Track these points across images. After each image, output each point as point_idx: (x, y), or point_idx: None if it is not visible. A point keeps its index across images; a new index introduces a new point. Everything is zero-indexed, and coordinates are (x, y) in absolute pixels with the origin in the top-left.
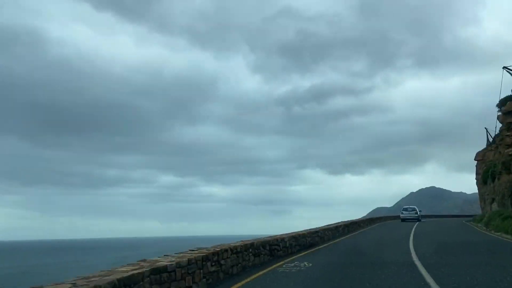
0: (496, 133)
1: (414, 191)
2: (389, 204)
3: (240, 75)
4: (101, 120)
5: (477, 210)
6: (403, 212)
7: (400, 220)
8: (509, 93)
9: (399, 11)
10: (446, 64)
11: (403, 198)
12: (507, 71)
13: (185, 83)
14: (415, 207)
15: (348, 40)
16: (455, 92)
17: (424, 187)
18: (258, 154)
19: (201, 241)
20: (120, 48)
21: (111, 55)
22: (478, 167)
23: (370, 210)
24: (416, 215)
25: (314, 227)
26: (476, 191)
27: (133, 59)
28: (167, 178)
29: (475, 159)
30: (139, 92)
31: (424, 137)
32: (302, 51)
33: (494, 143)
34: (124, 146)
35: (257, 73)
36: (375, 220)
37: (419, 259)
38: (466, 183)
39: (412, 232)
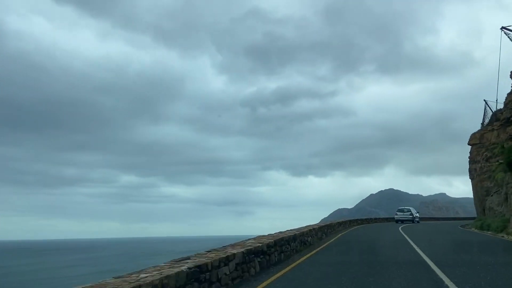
0: (498, 108)
1: (374, 192)
2: (350, 205)
3: (206, 75)
4: (59, 117)
5: (432, 212)
6: (398, 213)
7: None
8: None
9: (363, 18)
10: (406, 70)
11: (363, 200)
12: (506, 32)
13: (150, 81)
14: (411, 208)
15: (314, 44)
16: (414, 98)
17: (383, 189)
18: (222, 154)
19: (163, 242)
20: (82, 43)
21: (71, 50)
22: (473, 153)
23: (332, 211)
24: (411, 216)
25: (278, 228)
26: (432, 193)
27: (95, 54)
28: (128, 178)
29: (469, 143)
30: (101, 89)
31: (384, 140)
32: (269, 53)
33: (498, 121)
34: (83, 144)
35: (223, 73)
36: (353, 222)
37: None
38: (422, 185)
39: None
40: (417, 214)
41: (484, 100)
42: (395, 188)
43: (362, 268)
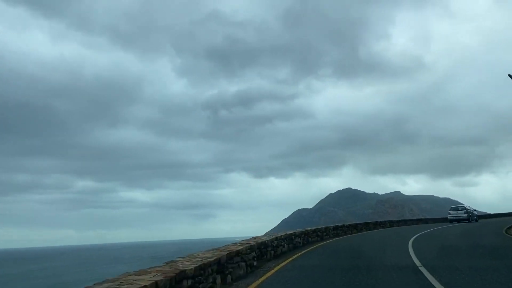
0: None
1: (333, 192)
2: (309, 205)
3: (165, 78)
4: (10, 121)
5: (388, 210)
6: (451, 212)
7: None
8: None
9: (321, 23)
10: (361, 74)
11: (322, 200)
12: None
13: (107, 84)
14: (465, 205)
15: (274, 48)
16: (369, 101)
17: (341, 189)
18: (183, 158)
19: (123, 248)
20: (34, 45)
21: (23, 52)
22: None
23: (292, 211)
24: (466, 215)
25: (239, 231)
26: (388, 191)
27: (48, 56)
28: (85, 183)
29: None
30: (55, 91)
31: (342, 142)
32: (230, 56)
33: None
34: (36, 149)
35: (183, 76)
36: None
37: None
38: (378, 184)
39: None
40: (475, 212)
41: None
42: (352, 188)
43: None
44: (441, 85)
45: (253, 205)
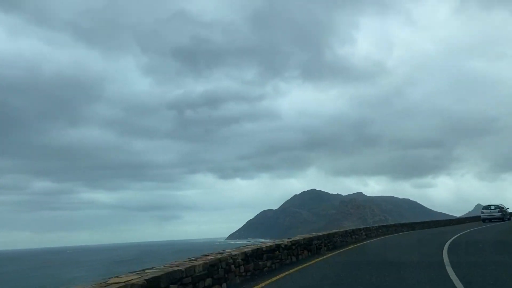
0: None
1: (297, 193)
2: (275, 206)
3: (130, 76)
4: None
5: (351, 210)
6: (484, 211)
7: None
8: None
9: (288, 26)
10: (326, 77)
11: (287, 201)
12: None
13: (68, 81)
14: (499, 204)
15: (241, 49)
16: (334, 103)
17: (306, 190)
18: (147, 158)
19: (82, 251)
20: None
21: None
22: None
23: (257, 212)
24: (500, 213)
25: (205, 232)
26: (350, 192)
27: (4, 51)
28: (42, 184)
29: None
30: (10, 88)
31: (307, 143)
32: (197, 56)
33: None
34: None
35: (149, 75)
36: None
37: None
38: (341, 185)
39: None
40: (508, 210)
41: None
42: (317, 189)
43: None
44: (402, 89)
45: (218, 206)
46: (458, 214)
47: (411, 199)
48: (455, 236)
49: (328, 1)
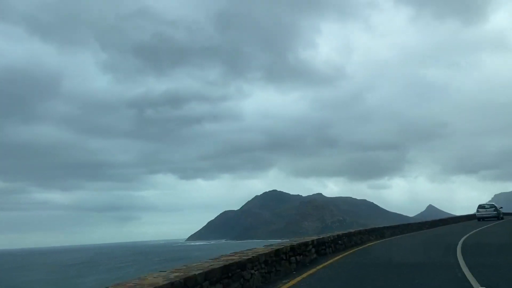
0: None
1: (259, 194)
2: (236, 207)
3: (88, 72)
4: None
5: (311, 211)
6: (479, 210)
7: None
8: None
9: (252, 28)
10: (289, 80)
11: (249, 201)
12: None
13: (21, 76)
14: (494, 203)
15: (204, 49)
16: (296, 106)
17: (267, 191)
18: (104, 157)
19: (34, 254)
20: None
21: None
22: None
23: (219, 213)
24: (495, 212)
25: (164, 234)
26: (310, 193)
27: None
28: None
29: None
30: None
31: (269, 145)
32: (159, 54)
33: None
34: None
35: (108, 72)
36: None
37: None
38: (302, 186)
39: None
40: (501, 209)
41: None
42: (278, 190)
43: None
44: (360, 93)
45: (178, 207)
46: (411, 214)
47: (368, 200)
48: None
49: (291, 5)
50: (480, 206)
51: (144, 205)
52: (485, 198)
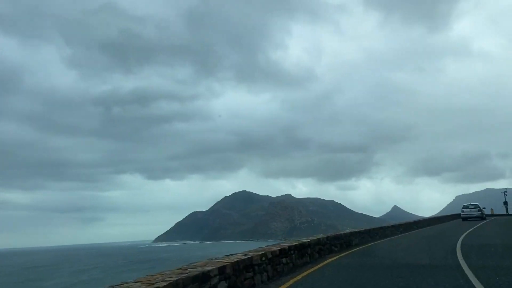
0: None
1: (228, 195)
2: (205, 208)
3: (52, 68)
4: None
5: (280, 211)
6: (464, 210)
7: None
8: None
9: (223, 27)
10: (259, 80)
11: (218, 202)
12: None
13: None
14: (478, 203)
15: (174, 47)
16: (266, 106)
17: (237, 191)
18: (68, 156)
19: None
20: None
21: None
22: None
23: (187, 214)
24: (480, 213)
25: (129, 235)
26: (280, 194)
27: None
28: None
29: None
30: None
31: (239, 145)
32: (127, 51)
33: None
34: None
35: (73, 68)
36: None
37: None
38: (271, 187)
39: None
40: (484, 209)
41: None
42: (247, 190)
43: None
44: (329, 96)
45: (145, 207)
46: (377, 215)
47: (336, 200)
48: None
49: (263, 6)
50: (465, 206)
51: (109, 205)
52: (447, 200)
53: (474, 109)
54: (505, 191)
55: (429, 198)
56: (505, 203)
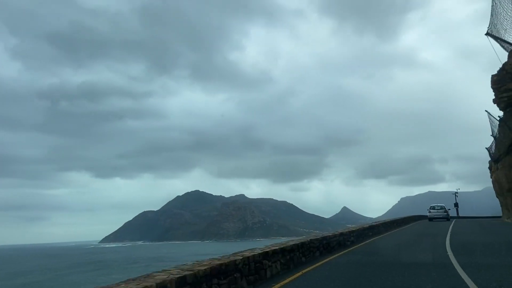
0: None
1: (180, 194)
2: (156, 207)
3: None
4: None
5: (233, 212)
6: (431, 210)
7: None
8: None
9: (180, 25)
10: (215, 80)
11: (169, 202)
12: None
13: None
14: (444, 205)
15: (128, 42)
16: (221, 106)
17: (189, 191)
18: (10, 151)
19: None
20: None
21: None
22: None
23: (137, 214)
24: (446, 214)
25: (76, 235)
26: (233, 194)
27: None
28: None
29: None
30: None
31: (193, 144)
32: (77, 44)
33: None
34: None
35: (17, 59)
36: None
37: None
38: (225, 187)
39: None
40: (449, 210)
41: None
42: (200, 190)
43: None
44: (284, 98)
45: (93, 207)
46: (327, 216)
47: (288, 201)
48: None
49: (221, 6)
50: (432, 207)
51: (54, 204)
52: (393, 201)
53: (418, 115)
54: (455, 193)
55: (376, 199)
56: (456, 204)
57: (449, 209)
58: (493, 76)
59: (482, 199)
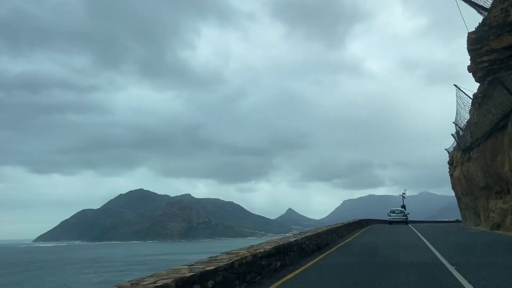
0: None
1: (123, 193)
2: (96, 205)
3: None
4: None
5: (177, 211)
6: (391, 214)
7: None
8: None
9: (129, 19)
10: (165, 77)
11: (111, 200)
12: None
13: None
14: (403, 209)
15: (73, 33)
16: (170, 104)
17: (133, 189)
18: None
19: None
20: None
21: None
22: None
23: (75, 212)
24: (404, 217)
25: (6, 233)
26: (179, 194)
27: None
28: None
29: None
30: None
31: (139, 142)
32: (17, 32)
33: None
34: None
35: None
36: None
37: None
38: (170, 186)
39: None
40: (408, 214)
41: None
42: (145, 189)
43: None
44: (234, 99)
45: (28, 203)
46: (272, 217)
47: (235, 202)
48: None
49: (173, 3)
50: (392, 211)
51: None
52: (336, 204)
53: (361, 122)
54: (403, 194)
55: (320, 202)
56: (403, 207)
57: (408, 213)
58: (470, 34)
59: (418, 203)
